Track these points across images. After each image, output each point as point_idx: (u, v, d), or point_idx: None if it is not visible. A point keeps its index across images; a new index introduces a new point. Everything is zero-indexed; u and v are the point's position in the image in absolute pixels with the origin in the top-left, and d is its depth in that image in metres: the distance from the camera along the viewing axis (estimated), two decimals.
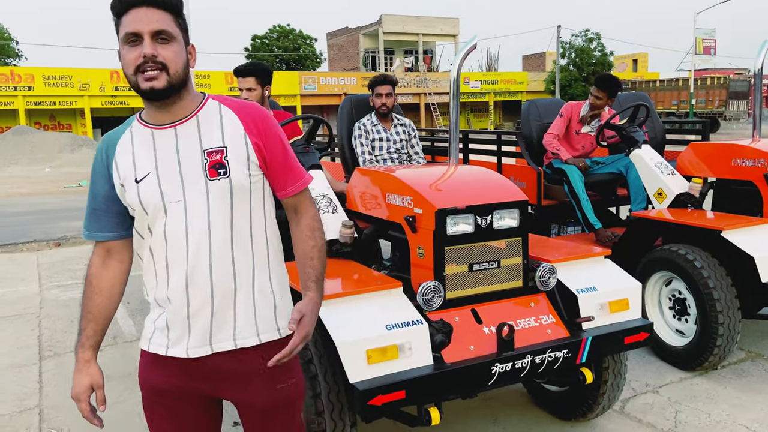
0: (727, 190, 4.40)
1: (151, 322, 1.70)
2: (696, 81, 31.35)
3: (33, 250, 8.19)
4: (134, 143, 1.62)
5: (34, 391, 3.78)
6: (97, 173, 1.64)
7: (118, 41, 1.54)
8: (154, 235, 1.61)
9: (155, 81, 1.50)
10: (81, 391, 1.67)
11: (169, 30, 1.52)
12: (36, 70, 29.85)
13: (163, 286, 1.63)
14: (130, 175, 1.59)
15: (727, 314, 3.47)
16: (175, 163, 1.58)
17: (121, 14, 1.51)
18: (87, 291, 1.70)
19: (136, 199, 1.59)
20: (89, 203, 1.67)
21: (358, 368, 2.25)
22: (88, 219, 1.68)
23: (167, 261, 1.61)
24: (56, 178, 17.85)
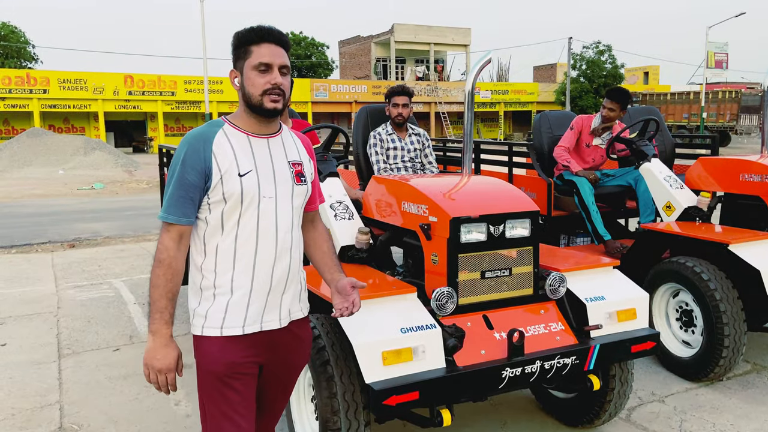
0: (734, 204, 4.47)
1: (220, 310, 1.87)
2: (707, 94, 31.31)
3: (48, 251, 8.34)
4: (232, 144, 1.86)
5: (54, 387, 3.88)
6: (189, 164, 1.81)
7: (241, 65, 1.87)
8: (242, 225, 1.85)
9: (278, 104, 1.87)
10: (172, 362, 1.84)
11: (288, 65, 1.90)
12: (51, 73, 30.28)
13: (246, 270, 1.87)
14: (232, 169, 1.83)
15: (733, 326, 3.54)
16: (269, 166, 1.91)
17: (251, 44, 1.85)
18: (166, 272, 1.82)
19: (239, 189, 1.83)
20: (175, 190, 1.81)
21: (373, 369, 2.33)
22: (175, 205, 1.82)
23: (257, 247, 1.87)
24: (69, 181, 18.09)
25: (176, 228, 1.83)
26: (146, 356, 1.84)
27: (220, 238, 1.86)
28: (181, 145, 1.85)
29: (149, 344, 1.83)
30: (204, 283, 1.89)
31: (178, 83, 32.52)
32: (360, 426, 2.48)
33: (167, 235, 1.84)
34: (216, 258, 1.87)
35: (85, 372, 4.11)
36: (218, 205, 1.84)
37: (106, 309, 5.53)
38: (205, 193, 1.84)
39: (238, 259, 1.87)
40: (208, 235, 1.87)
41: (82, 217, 11.35)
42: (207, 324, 1.87)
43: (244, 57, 1.86)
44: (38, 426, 3.38)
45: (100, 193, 15.52)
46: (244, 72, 1.87)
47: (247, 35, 1.86)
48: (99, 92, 30.68)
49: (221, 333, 1.87)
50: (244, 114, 1.91)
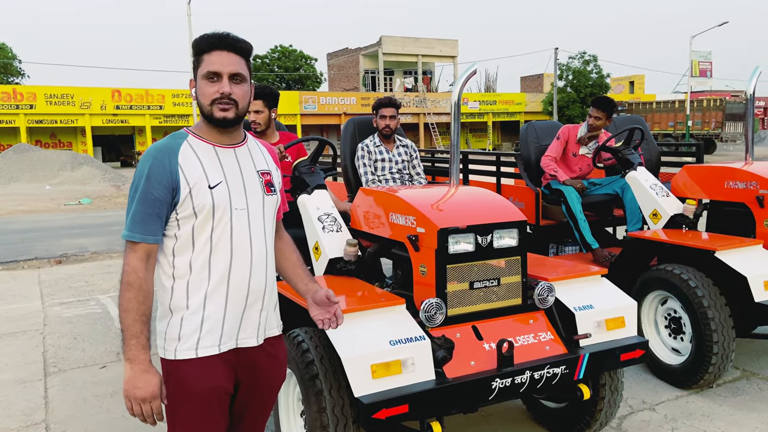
0: (720, 211, 4.51)
1: (193, 330, 1.79)
2: (692, 103, 31.69)
3: (34, 268, 8.25)
4: (198, 155, 1.80)
5: (40, 406, 3.82)
6: (155, 179, 1.73)
7: (196, 74, 1.83)
8: (215, 239, 1.79)
9: (227, 113, 1.80)
10: (155, 389, 1.74)
11: (243, 73, 1.83)
12: (38, 88, 30.12)
13: (221, 286, 1.80)
14: (201, 182, 1.77)
15: (721, 333, 3.55)
16: (239, 177, 1.86)
17: (203, 53, 1.80)
18: (137, 295, 1.72)
19: (210, 202, 1.77)
20: (142, 208, 1.73)
21: (362, 382, 2.32)
22: (141, 223, 1.73)
23: (231, 262, 1.81)
24: (57, 196, 17.94)
25: (143, 247, 1.75)
26: (126, 387, 1.73)
27: (191, 255, 1.79)
28: (144, 159, 1.77)
29: (127, 374, 1.72)
30: (174, 303, 1.80)
31: (166, 97, 32.46)
32: None
33: (134, 255, 1.75)
34: (189, 276, 1.79)
35: (72, 390, 4.05)
36: (188, 220, 1.77)
37: (93, 326, 5.46)
38: (173, 208, 1.76)
39: (212, 275, 1.79)
40: (177, 251, 1.80)
41: (69, 232, 11.25)
42: (181, 346, 1.79)
43: (197, 66, 1.82)
44: None
45: (88, 208, 15.40)
46: (197, 81, 1.82)
47: (200, 43, 1.81)
48: (86, 107, 30.53)
49: (197, 354, 1.79)
50: (204, 125, 1.86)
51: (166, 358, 1.80)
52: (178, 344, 1.79)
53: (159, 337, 1.83)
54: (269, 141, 4.17)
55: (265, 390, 1.99)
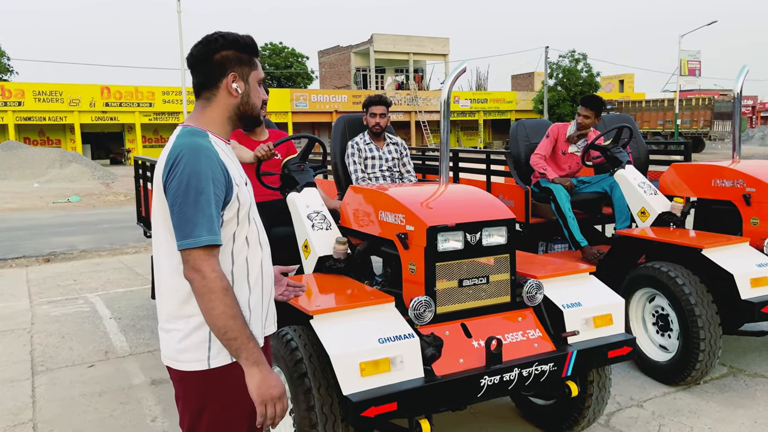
0: (707, 209, 4.54)
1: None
2: (681, 101, 31.90)
3: (22, 266, 8.18)
4: (227, 154, 1.77)
5: (28, 405, 3.79)
6: (217, 181, 1.65)
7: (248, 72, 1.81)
8: (251, 235, 1.78)
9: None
10: (284, 385, 1.70)
11: None
12: (26, 85, 29.86)
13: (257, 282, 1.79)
14: (241, 179, 1.77)
15: (708, 330, 3.58)
16: (243, 172, 1.85)
17: (255, 55, 1.84)
18: (234, 298, 1.63)
19: (248, 199, 1.78)
20: (211, 209, 1.62)
21: (351, 380, 2.32)
22: (214, 225, 1.62)
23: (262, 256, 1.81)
24: (45, 194, 17.79)
25: (218, 250, 1.65)
26: (260, 391, 1.63)
27: (232, 255, 1.72)
28: (194, 158, 1.64)
29: (257, 378, 1.63)
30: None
31: (156, 94, 32.25)
32: None
33: (215, 260, 1.62)
34: (232, 276, 1.70)
35: (60, 389, 4.02)
36: (232, 219, 1.71)
37: (81, 324, 5.43)
38: (222, 208, 1.68)
39: (251, 272, 1.76)
40: (235, 250, 1.73)
41: (57, 230, 11.16)
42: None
43: (251, 66, 1.81)
44: None
45: (77, 206, 15.28)
46: (250, 82, 1.81)
47: (254, 46, 1.82)
48: (75, 104, 30.30)
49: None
50: (224, 121, 1.80)
51: (217, 366, 1.68)
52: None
53: (194, 349, 1.68)
54: (258, 138, 4.16)
55: None
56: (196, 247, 1.60)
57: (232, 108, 1.79)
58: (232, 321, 1.60)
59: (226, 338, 1.62)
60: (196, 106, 1.82)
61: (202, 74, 1.77)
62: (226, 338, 1.62)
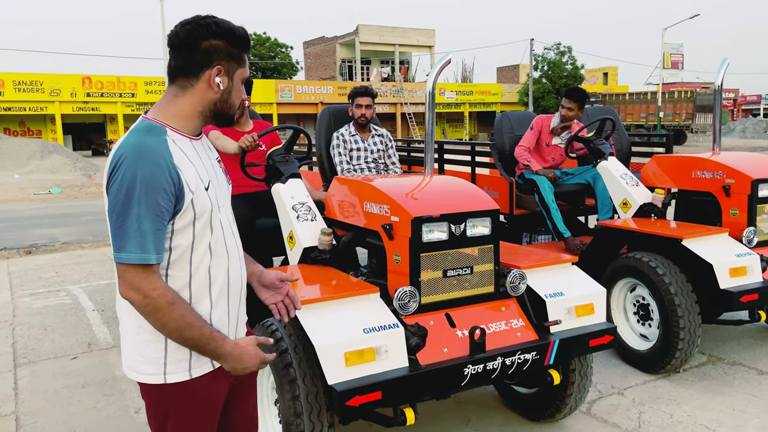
0: (688, 200, 4.61)
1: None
2: (664, 94, 32.18)
3: (3, 258, 8.08)
4: (186, 153, 1.59)
5: (10, 397, 3.77)
6: (161, 189, 1.49)
7: (235, 68, 1.65)
8: (214, 243, 1.63)
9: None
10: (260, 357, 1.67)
11: None
12: (6, 75, 29.33)
13: (223, 292, 1.67)
14: (200, 185, 1.59)
15: (687, 319, 3.64)
16: (213, 170, 1.71)
17: (245, 51, 1.68)
18: (186, 305, 1.56)
19: (209, 205, 1.60)
20: (155, 224, 1.49)
21: (336, 370, 2.33)
22: (154, 240, 1.49)
23: (229, 265, 1.68)
24: (26, 185, 17.54)
25: (158, 266, 1.53)
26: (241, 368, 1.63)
27: (190, 268, 1.60)
28: (135, 163, 1.48)
29: (230, 362, 1.61)
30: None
31: (139, 84, 31.86)
32: (324, 428, 2.48)
33: (155, 277, 1.51)
34: (189, 290, 1.60)
35: (42, 381, 3.99)
36: (186, 229, 1.57)
37: (63, 316, 5.38)
38: (172, 218, 1.54)
39: (214, 284, 1.64)
40: (172, 266, 1.58)
41: (39, 222, 11.03)
42: (195, 364, 1.63)
43: (238, 63, 1.65)
44: None
45: (58, 198, 15.11)
46: (235, 80, 1.65)
47: (246, 41, 1.66)
48: (56, 94, 29.84)
49: (213, 366, 1.66)
50: (194, 115, 1.64)
51: (174, 381, 1.61)
52: (191, 363, 1.62)
53: (150, 363, 1.60)
54: (243, 129, 4.14)
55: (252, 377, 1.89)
56: (130, 263, 1.48)
57: (209, 103, 1.63)
58: (188, 332, 1.54)
59: (189, 346, 1.58)
60: (167, 92, 1.64)
61: (183, 58, 1.60)
62: (189, 346, 1.58)
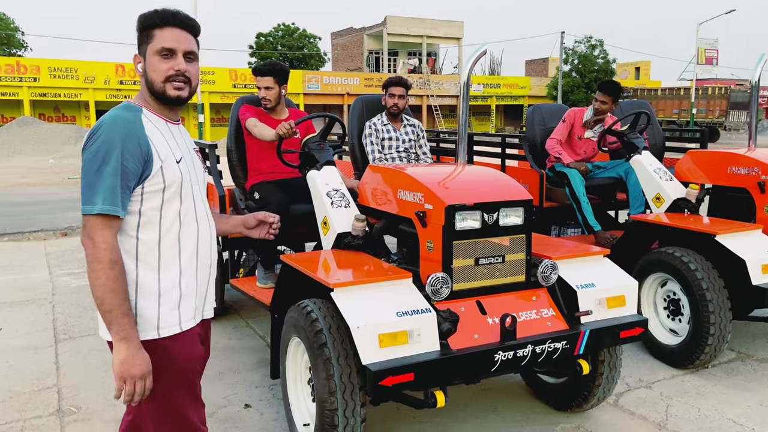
0: (722, 196, 4.57)
1: (173, 306, 1.78)
2: (697, 90, 31.56)
3: (40, 239, 8.33)
4: (160, 130, 1.80)
5: (52, 371, 3.92)
6: (128, 151, 1.67)
7: (143, 49, 1.80)
8: (183, 213, 1.80)
9: (182, 91, 1.81)
10: (150, 364, 1.71)
11: (196, 51, 1.84)
12: (42, 61, 29.98)
13: (191, 260, 1.83)
14: (170, 156, 1.78)
15: (718, 315, 3.63)
16: (188, 152, 1.91)
17: (154, 27, 1.78)
18: (121, 273, 1.67)
19: (179, 177, 1.78)
20: (112, 179, 1.64)
21: (370, 351, 2.39)
22: (114, 195, 1.65)
23: (198, 235, 1.85)
24: (60, 170, 17.98)
25: (117, 222, 1.67)
26: (121, 368, 1.66)
27: (159, 231, 1.75)
28: (110, 129, 1.68)
29: (122, 354, 1.66)
30: (143, 282, 1.74)
31: None
32: (356, 406, 2.55)
33: (110, 232, 1.66)
34: (158, 253, 1.75)
35: (82, 356, 4.15)
36: (155, 195, 1.73)
37: None
38: (140, 182, 1.70)
39: (183, 251, 1.80)
40: (143, 228, 1.74)
41: (73, 205, 11.30)
42: (163, 323, 1.76)
43: (146, 41, 1.77)
44: (36, 408, 3.42)
45: None
46: (147, 57, 1.78)
47: (151, 18, 1.77)
48: (90, 81, 30.42)
49: (181, 329, 1.79)
50: (151, 100, 1.82)
51: (145, 339, 1.74)
52: (159, 323, 1.75)
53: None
54: (279, 117, 4.22)
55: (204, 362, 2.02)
56: (91, 213, 1.64)
57: (144, 87, 1.82)
58: (110, 294, 1.64)
59: (102, 309, 1.66)
60: None
61: None
62: (102, 309, 1.66)
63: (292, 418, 2.99)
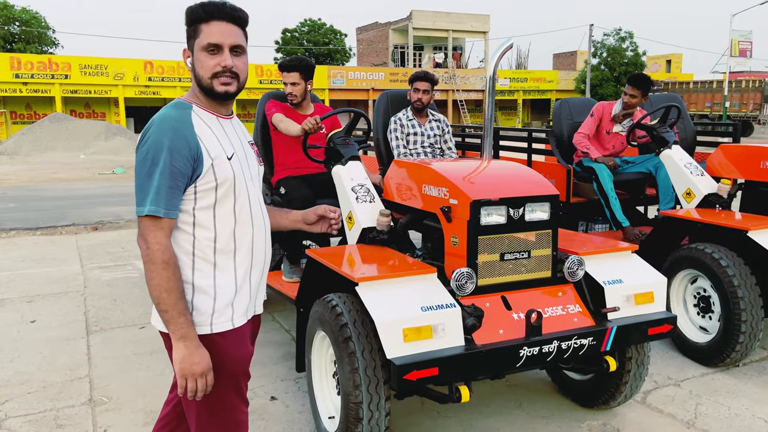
0: (755, 191, 4.46)
1: (228, 302, 1.79)
2: (730, 83, 30.82)
3: (72, 233, 8.51)
4: (210, 127, 1.78)
5: (84, 362, 4.02)
6: (177, 152, 1.67)
7: (191, 44, 1.77)
8: (237, 211, 1.79)
9: (229, 86, 1.77)
10: (210, 362, 1.73)
11: (243, 45, 1.79)
12: (72, 59, 30.60)
13: (246, 257, 1.83)
14: (221, 154, 1.75)
15: (750, 312, 3.55)
16: (241, 147, 1.88)
17: (200, 22, 1.74)
18: (175, 273, 1.68)
19: (231, 174, 1.76)
20: (166, 181, 1.66)
21: (395, 345, 2.40)
22: (166, 197, 1.66)
23: (253, 232, 1.84)
24: (91, 165, 18.36)
25: (168, 223, 1.69)
26: (182, 365, 1.69)
27: (215, 229, 1.76)
28: (159, 131, 1.69)
29: (182, 352, 1.69)
30: (199, 278, 1.76)
31: None
32: (381, 400, 2.56)
33: (161, 233, 1.67)
34: (214, 250, 1.76)
35: (113, 348, 4.24)
36: (208, 193, 1.73)
37: (131, 289, 5.67)
38: (192, 181, 1.71)
39: (239, 248, 1.80)
40: (198, 226, 1.75)
41: (104, 200, 11.54)
42: (217, 320, 1.78)
43: (194, 36, 1.75)
44: (69, 398, 3.51)
45: (121, 178, 15.73)
46: (195, 52, 1.76)
47: (196, 12, 1.74)
48: (119, 78, 30.97)
49: (233, 325, 1.80)
50: (201, 96, 1.81)
51: (199, 334, 1.75)
52: (213, 318, 1.77)
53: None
54: (305, 113, 4.24)
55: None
56: (142, 215, 1.67)
57: (194, 83, 1.80)
58: (165, 294, 1.66)
59: (159, 309, 1.68)
60: None
61: None
62: (159, 309, 1.68)
63: (317, 410, 3.01)
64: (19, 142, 22.29)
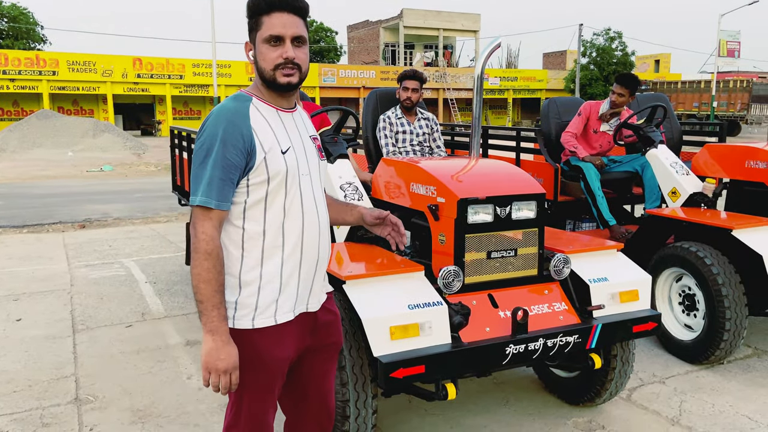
0: (740, 190, 4.51)
1: (272, 299, 1.77)
2: (718, 83, 31.08)
3: (59, 231, 8.46)
4: (267, 119, 1.76)
5: (69, 360, 3.99)
6: (231, 144, 1.66)
7: (253, 36, 1.76)
8: (287, 204, 1.76)
9: (292, 78, 1.75)
10: (237, 360, 1.71)
11: (304, 35, 1.77)
12: (60, 55, 30.36)
13: (295, 252, 1.79)
14: (275, 147, 1.73)
15: (734, 310, 3.59)
16: (300, 141, 1.84)
17: (261, 14, 1.73)
18: (216, 264, 1.67)
19: (284, 167, 1.74)
20: (217, 172, 1.66)
21: (381, 343, 2.41)
22: (217, 188, 1.66)
23: (303, 227, 1.80)
24: (79, 163, 18.23)
25: (218, 214, 1.68)
26: (207, 359, 1.68)
27: (264, 222, 1.75)
28: (215, 122, 1.69)
29: (209, 345, 1.67)
30: (246, 271, 1.75)
31: (187, 66, 32.55)
32: (368, 398, 2.57)
33: (209, 223, 1.67)
34: (262, 243, 1.75)
35: (99, 347, 4.21)
36: (260, 186, 1.72)
37: (118, 287, 5.64)
38: (246, 173, 1.70)
39: (287, 242, 1.77)
40: (248, 218, 1.74)
41: (91, 198, 11.47)
42: (259, 315, 1.76)
43: (255, 28, 1.74)
44: (55, 396, 3.49)
45: (109, 176, 15.64)
46: (256, 45, 1.75)
47: (258, 4, 1.73)
48: (108, 75, 30.76)
49: (276, 321, 1.77)
50: (264, 88, 1.80)
51: (240, 327, 1.75)
52: (256, 313, 1.75)
53: (228, 307, 1.75)
54: None
55: (331, 349, 2.01)
56: (193, 204, 1.68)
57: (257, 75, 1.80)
58: (203, 284, 1.66)
59: (196, 298, 1.69)
60: None
61: None
62: (196, 298, 1.69)
63: None
64: (5, 139, 22.07)
